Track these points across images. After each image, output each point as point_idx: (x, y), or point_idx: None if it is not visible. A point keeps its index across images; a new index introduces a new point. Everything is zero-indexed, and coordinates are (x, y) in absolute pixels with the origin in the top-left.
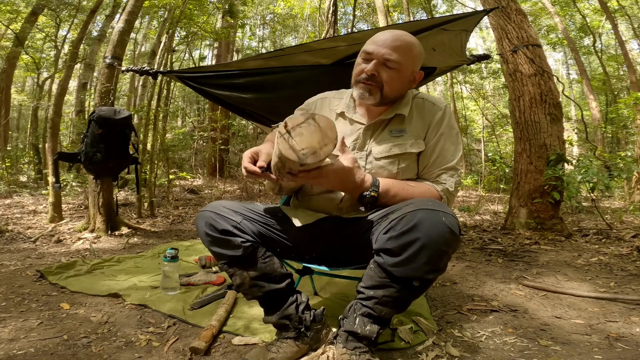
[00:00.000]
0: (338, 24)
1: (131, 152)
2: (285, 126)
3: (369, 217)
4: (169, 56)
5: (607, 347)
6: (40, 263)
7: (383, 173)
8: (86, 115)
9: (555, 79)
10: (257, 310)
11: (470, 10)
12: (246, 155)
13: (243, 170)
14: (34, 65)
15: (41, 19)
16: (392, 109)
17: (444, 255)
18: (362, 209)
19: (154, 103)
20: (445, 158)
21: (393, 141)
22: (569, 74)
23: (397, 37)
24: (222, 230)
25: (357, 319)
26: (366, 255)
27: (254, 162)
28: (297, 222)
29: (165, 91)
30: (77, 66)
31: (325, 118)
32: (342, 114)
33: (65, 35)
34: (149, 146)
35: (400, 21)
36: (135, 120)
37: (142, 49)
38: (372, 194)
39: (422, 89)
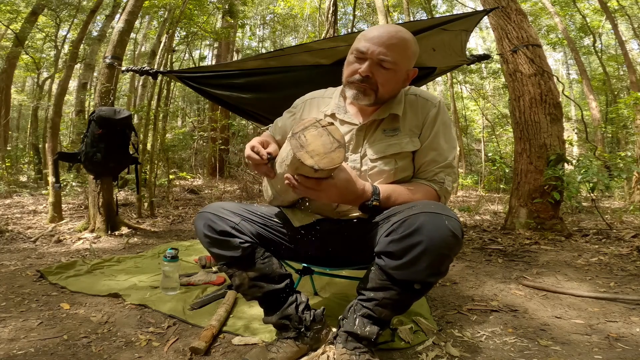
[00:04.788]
0: (338, 24)
1: (131, 152)
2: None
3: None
4: (169, 56)
5: (607, 347)
6: (40, 263)
7: (379, 174)
8: (86, 115)
9: (555, 79)
10: (257, 310)
11: (470, 10)
12: (254, 140)
13: (247, 150)
14: (34, 65)
15: (41, 19)
16: (386, 108)
17: (446, 259)
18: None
19: (154, 103)
20: (441, 155)
21: (387, 140)
22: (569, 74)
23: (393, 34)
24: (221, 231)
25: (357, 319)
26: (366, 256)
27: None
28: (295, 223)
29: (165, 91)
30: (77, 66)
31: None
32: (332, 116)
33: (65, 35)
34: (149, 146)
35: (400, 21)
36: (135, 120)
37: (142, 49)
38: (374, 203)
39: (422, 88)
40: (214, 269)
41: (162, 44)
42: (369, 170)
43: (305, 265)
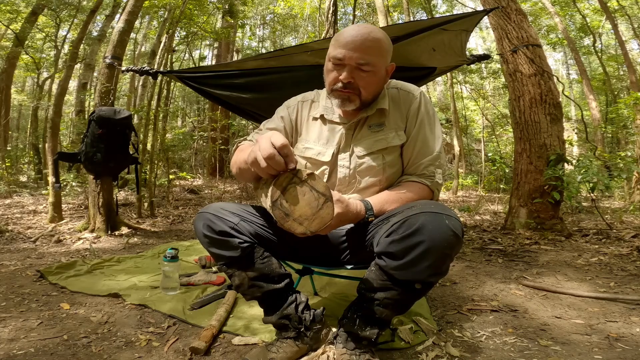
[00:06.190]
0: (338, 24)
1: (131, 152)
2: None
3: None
4: (169, 56)
5: (607, 347)
6: (40, 263)
7: (368, 170)
8: (86, 115)
9: (555, 79)
10: (257, 310)
11: (470, 10)
12: (277, 136)
13: (268, 147)
14: (34, 65)
15: (41, 19)
16: (372, 104)
17: (447, 259)
18: None
19: (154, 103)
20: (428, 147)
21: (374, 136)
22: (569, 74)
23: (366, 36)
24: (220, 231)
25: (357, 320)
26: (366, 256)
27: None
28: None
29: (165, 91)
30: (77, 66)
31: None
32: (321, 117)
33: (65, 35)
34: (149, 146)
35: (400, 21)
36: (135, 120)
37: (142, 49)
38: (370, 219)
39: (422, 89)
40: (214, 269)
41: (162, 44)
42: (357, 167)
43: (305, 265)
